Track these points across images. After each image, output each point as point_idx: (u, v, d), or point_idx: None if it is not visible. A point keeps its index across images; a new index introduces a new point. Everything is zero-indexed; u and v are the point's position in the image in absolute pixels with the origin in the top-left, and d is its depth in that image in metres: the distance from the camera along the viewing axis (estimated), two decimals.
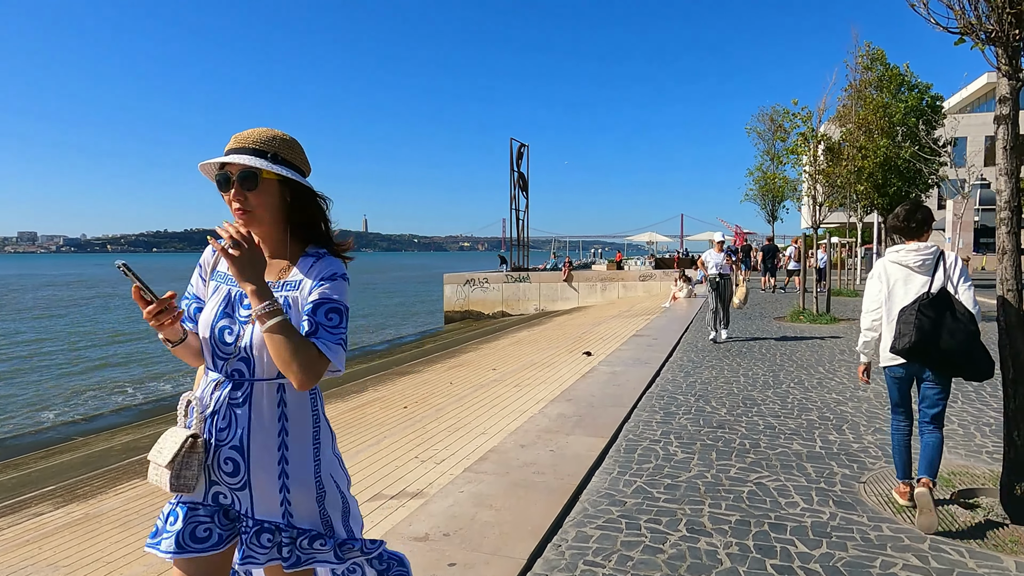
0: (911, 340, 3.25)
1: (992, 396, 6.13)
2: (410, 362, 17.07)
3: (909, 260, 3.42)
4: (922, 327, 3.23)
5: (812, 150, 12.11)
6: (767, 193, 30.16)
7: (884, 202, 19.38)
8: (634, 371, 7.49)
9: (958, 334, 3.20)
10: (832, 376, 7.20)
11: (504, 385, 9.94)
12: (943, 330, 3.21)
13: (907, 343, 3.27)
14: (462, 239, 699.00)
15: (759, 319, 13.16)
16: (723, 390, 6.55)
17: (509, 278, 34.64)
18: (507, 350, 16.18)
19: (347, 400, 11.86)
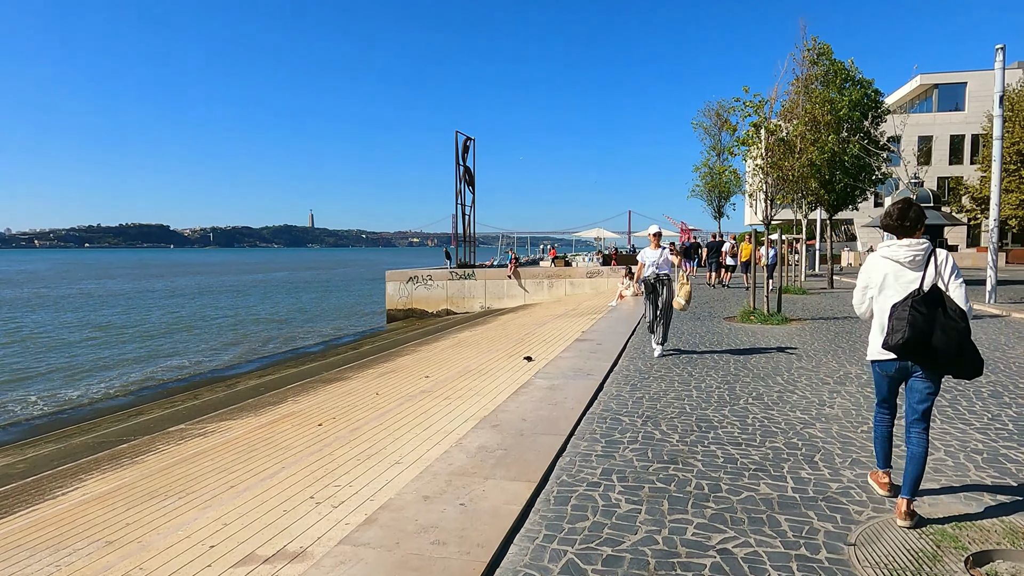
0: (904, 336, 3.21)
1: (971, 412, 5.46)
2: (341, 367, 15.85)
3: (900, 256, 3.40)
4: (915, 323, 3.20)
5: (765, 141, 11.49)
6: (713, 189, 30.08)
7: (831, 198, 19.16)
8: (574, 385, 6.59)
9: (950, 331, 3.19)
10: (793, 388, 6.45)
11: (434, 397, 8.94)
12: (935, 327, 3.20)
13: (900, 339, 3.22)
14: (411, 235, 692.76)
15: (708, 320, 12.49)
16: (674, 408, 5.70)
17: (454, 275, 33.56)
18: (445, 353, 15.15)
19: (260, 414, 10.63)
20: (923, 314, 3.22)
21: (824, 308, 14.41)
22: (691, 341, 9.80)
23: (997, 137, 13.90)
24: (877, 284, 3.53)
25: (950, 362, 3.27)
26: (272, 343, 25.10)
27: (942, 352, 3.21)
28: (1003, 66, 13.51)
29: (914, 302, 3.26)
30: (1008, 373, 7.05)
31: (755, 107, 11.63)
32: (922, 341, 3.20)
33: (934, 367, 3.32)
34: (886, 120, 19.95)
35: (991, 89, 44.27)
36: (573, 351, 9.09)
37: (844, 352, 8.52)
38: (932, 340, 3.20)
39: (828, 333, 10.39)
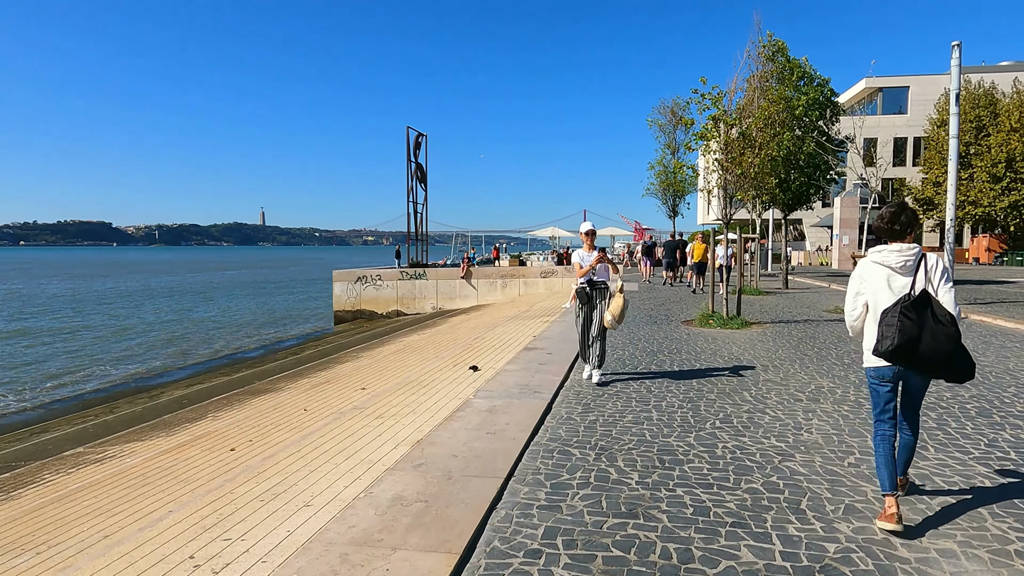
0: (893, 342, 3.20)
1: (964, 435, 4.85)
2: (276, 376, 14.69)
3: (891, 261, 3.40)
4: (904, 329, 3.19)
5: (724, 135, 10.88)
6: (668, 188, 29.75)
7: (786, 197, 18.85)
8: (518, 406, 5.75)
9: (939, 336, 3.18)
10: (763, 407, 5.76)
11: (365, 415, 8.00)
12: (925, 332, 3.19)
13: (889, 345, 3.21)
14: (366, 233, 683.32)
15: (666, 324, 11.84)
16: (632, 435, 4.91)
17: (404, 275, 32.46)
18: (388, 360, 14.16)
19: (173, 434, 9.50)
20: (912, 320, 3.20)
21: (782, 310, 13.96)
22: (648, 348, 9.09)
23: (953, 135, 13.67)
24: (870, 290, 3.48)
25: (941, 367, 3.24)
26: (209, 348, 23.59)
27: (932, 357, 3.20)
28: (959, 63, 13.27)
29: (903, 308, 3.24)
30: (988, 385, 6.52)
31: (714, 99, 11.02)
32: (912, 347, 3.19)
33: (925, 372, 3.31)
34: (840, 120, 19.78)
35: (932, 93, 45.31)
36: (521, 362, 8.27)
37: (811, 361, 7.93)
38: (921, 346, 3.18)
39: (790, 339, 9.83)
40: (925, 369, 3.28)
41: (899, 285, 3.38)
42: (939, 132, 42.26)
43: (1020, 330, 10.67)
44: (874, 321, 3.44)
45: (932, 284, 3.36)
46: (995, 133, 38.15)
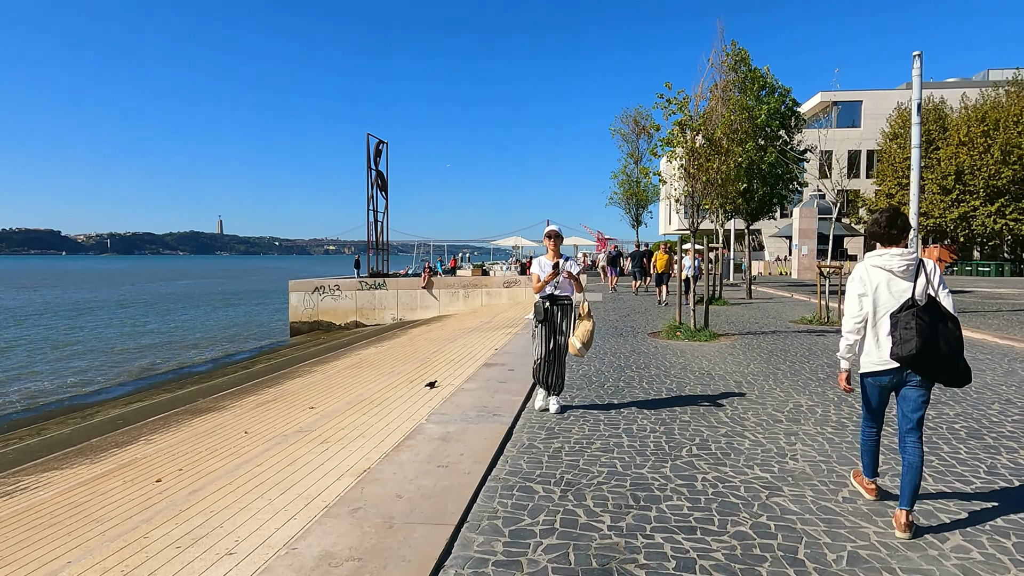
0: (916, 346, 3.17)
1: (959, 461, 4.46)
2: (222, 393, 13.81)
3: (894, 265, 3.40)
4: (923, 333, 3.18)
5: (690, 141, 10.55)
6: (631, 197, 29.61)
7: (750, 207, 18.75)
8: (475, 432, 5.19)
9: (951, 340, 3.22)
10: (741, 430, 5.31)
11: (309, 440, 7.33)
12: (939, 336, 3.21)
13: (912, 349, 3.18)
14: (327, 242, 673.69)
15: (632, 336, 11.42)
16: (601, 466, 4.40)
17: (363, 285, 31.58)
18: (341, 376, 13.43)
19: (97, 461, 8.66)
20: (927, 323, 3.21)
21: (749, 321, 13.70)
22: (615, 363, 8.62)
23: (915, 145, 13.66)
24: (871, 293, 3.45)
25: (946, 371, 3.26)
26: (156, 361, 22.39)
27: (943, 361, 3.22)
28: (920, 73, 13.27)
29: (919, 312, 3.23)
30: (971, 402, 6.20)
31: (680, 104, 10.69)
32: (932, 350, 3.19)
33: (932, 376, 3.31)
34: (802, 131, 19.82)
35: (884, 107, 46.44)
36: (480, 379, 7.70)
37: (785, 376, 7.55)
38: (939, 350, 3.20)
39: (761, 351, 9.48)
40: (936, 372, 3.27)
41: (899, 289, 3.36)
42: (891, 145, 43.28)
43: (988, 341, 10.55)
44: (871, 326, 3.44)
45: (933, 288, 3.35)
46: (944, 147, 39.21)
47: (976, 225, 38.38)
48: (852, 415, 5.68)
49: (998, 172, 36.89)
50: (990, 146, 37.15)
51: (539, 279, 5.86)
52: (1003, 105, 38.42)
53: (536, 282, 5.89)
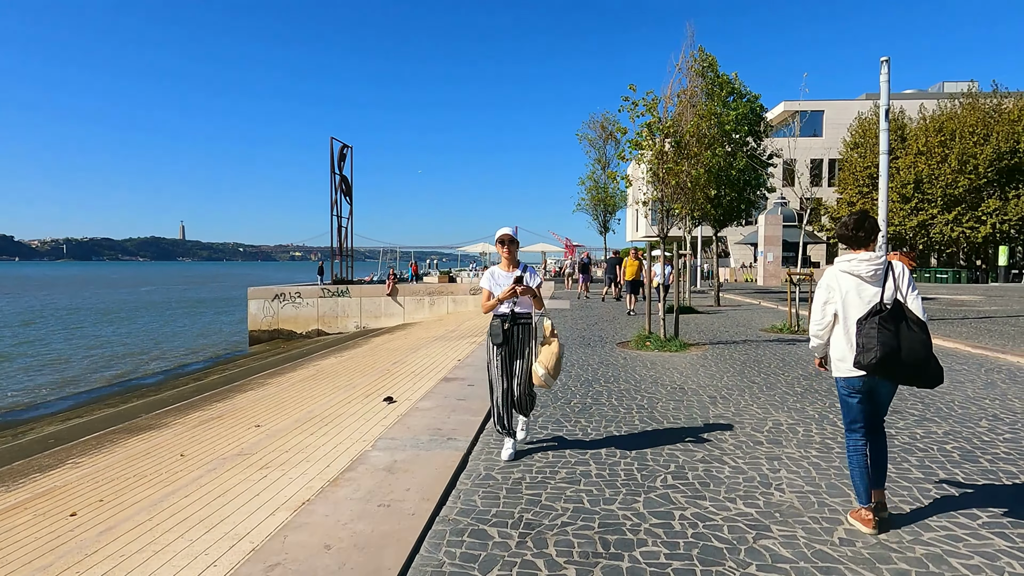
0: (877, 355, 3.19)
1: (956, 485, 4.06)
2: (166, 407, 12.97)
3: (862, 270, 3.38)
4: (886, 341, 3.19)
5: (659, 144, 10.16)
6: (599, 203, 29.33)
7: (718, 213, 18.54)
8: (426, 461, 4.62)
9: (916, 345, 3.21)
10: (720, 455, 4.85)
11: (249, 464, 6.69)
12: (903, 342, 3.20)
13: (873, 358, 3.19)
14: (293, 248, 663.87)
15: (600, 346, 10.96)
16: (566, 502, 3.88)
17: (326, 292, 30.72)
18: (295, 389, 12.72)
19: (13, 489, 7.86)
20: (891, 330, 3.20)
21: (719, 330, 13.38)
22: (583, 376, 8.13)
23: (884, 152, 13.54)
24: (839, 300, 3.44)
25: (915, 374, 3.25)
26: (104, 373, 21.25)
27: (911, 365, 3.20)
28: (888, 79, 13.16)
29: (881, 319, 3.23)
30: (957, 419, 5.86)
31: (648, 106, 10.30)
32: (894, 357, 3.18)
33: (902, 380, 3.30)
34: (769, 136, 19.73)
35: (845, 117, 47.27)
36: (437, 396, 7.13)
37: (760, 390, 7.15)
38: (901, 355, 3.19)
39: (734, 362, 9.10)
40: (902, 378, 3.27)
41: (869, 294, 3.35)
42: (852, 154, 43.99)
43: (961, 350, 10.36)
44: (843, 331, 3.40)
45: (901, 292, 3.34)
46: (903, 156, 39.93)
47: (934, 233, 39.11)
48: (836, 435, 5.27)
49: (955, 181, 37.66)
50: (947, 156, 37.92)
51: (490, 296, 4.74)
52: (959, 116, 39.30)
53: (486, 300, 4.74)
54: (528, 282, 4.69)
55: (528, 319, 4.79)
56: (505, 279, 4.70)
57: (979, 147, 37.31)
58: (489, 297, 4.74)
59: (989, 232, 37.79)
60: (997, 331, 12.41)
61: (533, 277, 4.78)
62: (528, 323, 4.79)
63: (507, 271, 4.78)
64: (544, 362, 4.60)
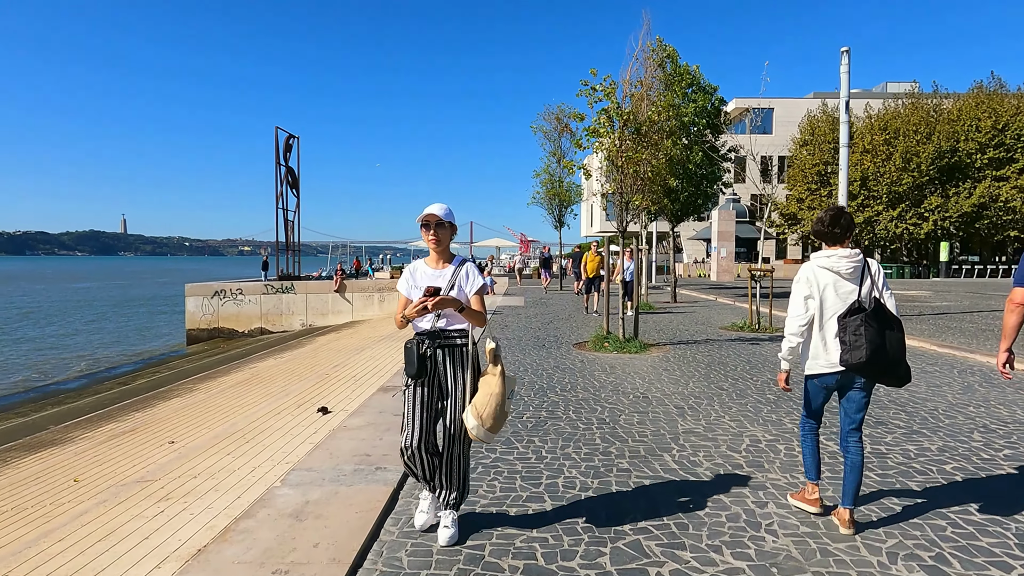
0: (867, 353, 3.17)
1: (971, 522, 3.46)
2: (78, 419, 11.71)
3: (841, 267, 3.35)
4: (872, 339, 3.18)
5: (618, 131, 9.50)
6: (554, 197, 28.69)
7: (675, 207, 18.10)
8: (346, 500, 3.79)
9: (895, 343, 3.23)
10: (696, 481, 4.18)
11: (148, 494, 5.74)
12: (886, 340, 3.21)
13: (862, 357, 3.17)
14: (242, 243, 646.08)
15: (555, 347, 10.26)
16: (515, 556, 3.12)
17: (269, 289, 29.29)
18: (225, 396, 11.64)
19: None
20: (876, 328, 3.20)
21: (679, 328, 12.85)
22: (537, 383, 7.40)
23: (844, 144, 13.25)
24: (818, 295, 3.41)
25: (890, 374, 3.25)
26: (17, 377, 19.51)
27: (888, 365, 3.21)
28: (848, 69, 12.84)
29: (867, 317, 3.22)
30: (948, 431, 5.33)
31: (607, 91, 9.62)
32: (880, 356, 3.18)
33: (878, 379, 3.30)
34: (726, 130, 19.39)
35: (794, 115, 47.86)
36: (371, 410, 6.28)
37: (731, 398, 6.53)
38: (886, 354, 3.19)
39: (698, 366, 8.50)
40: (881, 376, 3.26)
41: (845, 291, 3.34)
42: (801, 152, 44.58)
43: (928, 349, 10.03)
44: (818, 328, 3.39)
45: (878, 290, 3.33)
46: (850, 154, 40.58)
47: (879, 229, 39.89)
48: (823, 455, 4.66)
49: (899, 179, 38.46)
50: (892, 154, 38.69)
51: (404, 303, 3.33)
52: (903, 115, 40.17)
53: (399, 312, 3.31)
54: (464, 286, 3.26)
55: (459, 339, 3.29)
56: (429, 280, 3.28)
57: (922, 145, 38.18)
58: (405, 306, 3.29)
59: (931, 228, 38.73)
60: (956, 328, 12.22)
61: (470, 280, 3.30)
62: (460, 345, 3.29)
63: (435, 267, 3.35)
64: (478, 408, 3.12)
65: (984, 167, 38.24)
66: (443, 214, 3.29)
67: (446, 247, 3.37)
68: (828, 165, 42.24)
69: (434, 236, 3.29)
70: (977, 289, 25.13)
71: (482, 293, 3.35)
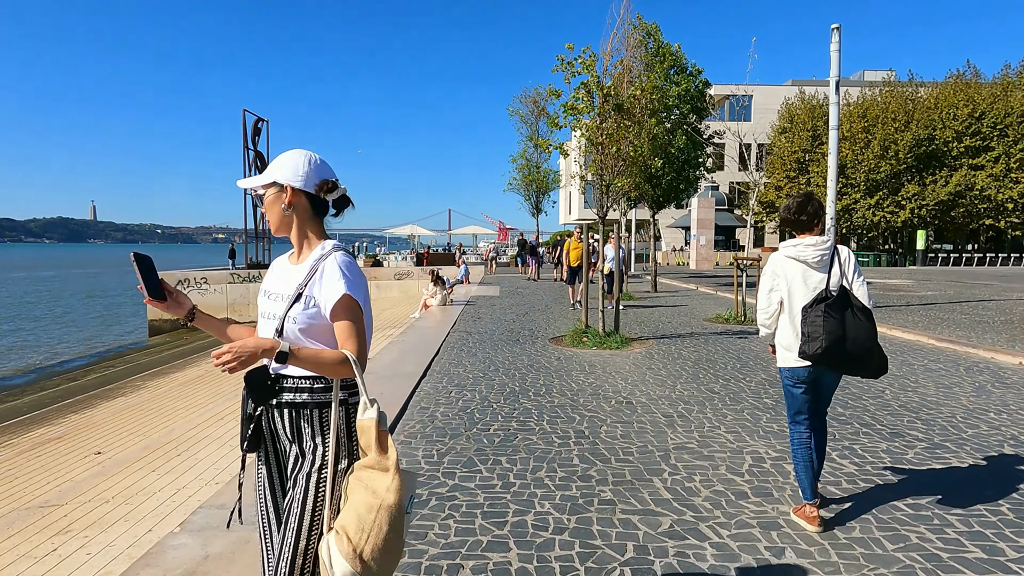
0: (823, 345, 3.05)
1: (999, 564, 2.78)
2: (10, 421, 10.69)
3: (808, 256, 3.24)
4: (831, 330, 3.05)
5: (599, 106, 8.73)
6: (531, 183, 27.88)
7: (657, 193, 17.40)
8: (255, 552, 3.01)
9: (861, 333, 3.09)
10: (693, 516, 3.46)
11: (46, 525, 4.93)
12: (848, 330, 3.08)
13: (818, 348, 3.06)
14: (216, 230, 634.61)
15: (530, 342, 9.51)
16: None
17: (236, 277, 28.14)
18: (172, 396, 10.74)
19: None
20: (836, 319, 3.08)
21: (661, 320, 12.18)
22: (507, 386, 6.64)
23: (833, 126, 12.64)
24: (785, 287, 3.30)
25: (858, 365, 3.13)
26: None
27: (856, 355, 3.09)
28: (839, 47, 12.19)
29: (827, 307, 3.10)
30: (977, 447, 4.67)
31: (586, 64, 8.83)
32: (839, 347, 3.06)
33: (847, 371, 3.18)
34: (711, 115, 18.70)
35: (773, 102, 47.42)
36: None
37: (726, 405, 5.84)
38: (846, 344, 3.07)
39: (685, 364, 7.81)
40: (848, 368, 3.15)
41: (814, 281, 3.24)
42: (780, 139, 44.24)
43: (926, 343, 9.47)
44: (789, 320, 3.29)
45: (847, 278, 3.24)
46: (828, 141, 40.32)
47: (857, 217, 39.72)
48: (838, 475, 3.97)
49: (877, 166, 38.27)
50: (870, 141, 38.46)
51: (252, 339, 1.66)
52: (880, 103, 39.94)
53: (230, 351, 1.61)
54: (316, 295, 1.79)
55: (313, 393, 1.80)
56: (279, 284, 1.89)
57: (900, 133, 38.00)
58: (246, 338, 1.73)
59: (908, 216, 38.64)
60: (949, 319, 11.71)
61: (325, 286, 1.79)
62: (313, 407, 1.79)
63: (294, 262, 1.92)
64: (350, 533, 1.62)
65: (960, 155, 38.18)
66: (267, 179, 1.88)
67: (294, 227, 1.90)
68: (807, 152, 41.97)
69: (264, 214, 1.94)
70: (957, 278, 24.90)
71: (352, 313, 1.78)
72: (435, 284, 14.82)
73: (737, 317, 11.61)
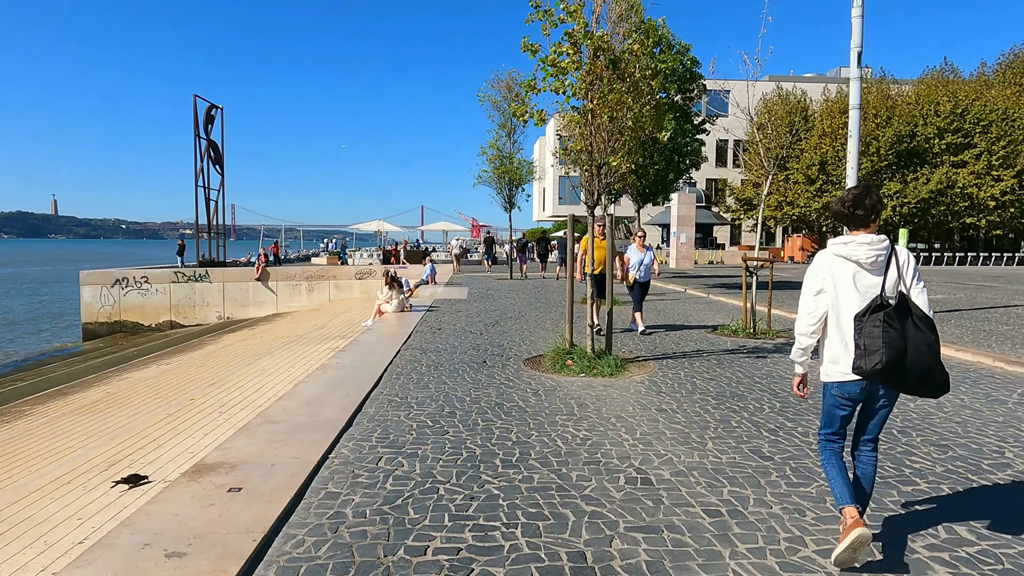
0: (884, 360, 2.68)
1: None
2: None
3: (861, 255, 2.85)
4: (892, 343, 2.70)
5: (588, 62, 6.81)
6: (503, 175, 25.82)
7: (643, 184, 15.60)
8: None
9: (923, 347, 2.74)
10: None
11: None
12: (909, 344, 2.73)
13: (878, 363, 2.69)
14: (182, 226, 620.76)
15: (500, 366, 7.51)
16: None
17: (180, 277, 25.71)
18: (43, 433, 8.51)
19: None
20: (897, 330, 2.72)
21: (658, 334, 10.29)
22: (463, 446, 4.66)
23: (854, 105, 11.05)
24: (832, 290, 2.91)
25: (920, 381, 2.76)
26: None
27: (917, 371, 2.72)
28: (861, 12, 10.48)
29: (886, 316, 2.74)
30: None
31: (570, 11, 6.88)
32: (900, 363, 2.70)
33: (905, 389, 2.81)
34: (702, 97, 16.94)
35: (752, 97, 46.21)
36: (204, 478, 3.42)
37: (790, 482, 3.93)
38: (907, 359, 2.71)
39: (707, 402, 5.89)
40: (909, 386, 2.79)
41: (866, 284, 2.85)
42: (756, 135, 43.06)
43: (986, 365, 7.73)
44: (836, 328, 2.89)
45: (905, 283, 2.85)
46: (808, 138, 39.36)
47: None
48: None
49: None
50: None
51: None
52: (861, 99, 38.94)
53: None
54: None
55: None
56: None
57: (881, 130, 37.04)
58: None
59: (890, 214, 37.62)
60: (989, 331, 10.05)
61: None
62: None
63: None
64: None
65: (942, 152, 37.32)
66: None
67: None
68: (784, 149, 40.81)
69: None
70: (950, 278, 23.61)
71: None
72: (390, 288, 12.75)
73: (747, 328, 9.78)
